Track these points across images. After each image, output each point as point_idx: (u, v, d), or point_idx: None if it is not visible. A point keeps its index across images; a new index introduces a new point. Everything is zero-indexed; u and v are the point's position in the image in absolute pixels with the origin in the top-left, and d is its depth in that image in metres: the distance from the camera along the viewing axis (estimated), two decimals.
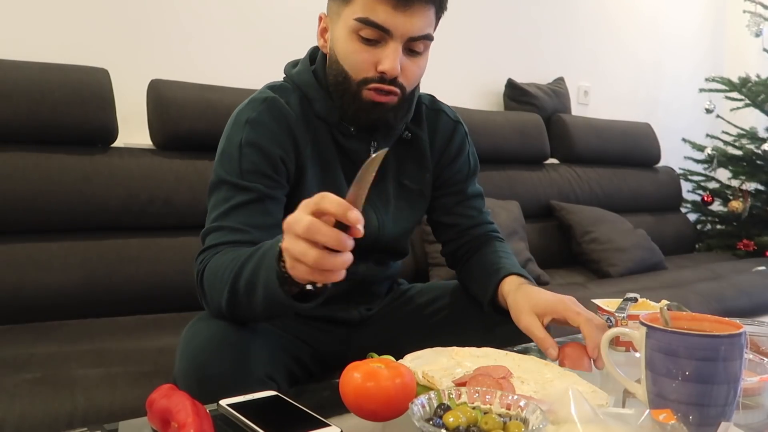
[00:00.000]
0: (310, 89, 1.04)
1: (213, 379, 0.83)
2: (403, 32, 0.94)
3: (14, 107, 1.52)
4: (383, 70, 0.95)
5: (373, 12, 0.93)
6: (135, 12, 1.97)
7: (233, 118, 1.02)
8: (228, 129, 1.02)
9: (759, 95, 2.98)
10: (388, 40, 0.95)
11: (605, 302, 1.05)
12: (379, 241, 1.09)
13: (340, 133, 1.05)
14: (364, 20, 0.93)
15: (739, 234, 3.01)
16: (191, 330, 0.91)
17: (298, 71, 1.07)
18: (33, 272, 1.48)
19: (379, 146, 1.07)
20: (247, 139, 0.97)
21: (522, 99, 2.74)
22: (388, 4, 0.92)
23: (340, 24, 0.97)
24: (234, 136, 0.99)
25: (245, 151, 0.97)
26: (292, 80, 1.06)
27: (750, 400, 0.78)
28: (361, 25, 0.94)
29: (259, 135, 0.98)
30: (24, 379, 1.08)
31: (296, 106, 1.03)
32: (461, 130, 1.18)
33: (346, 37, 0.96)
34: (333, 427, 0.65)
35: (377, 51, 0.95)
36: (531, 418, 0.60)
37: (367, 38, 0.95)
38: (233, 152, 0.98)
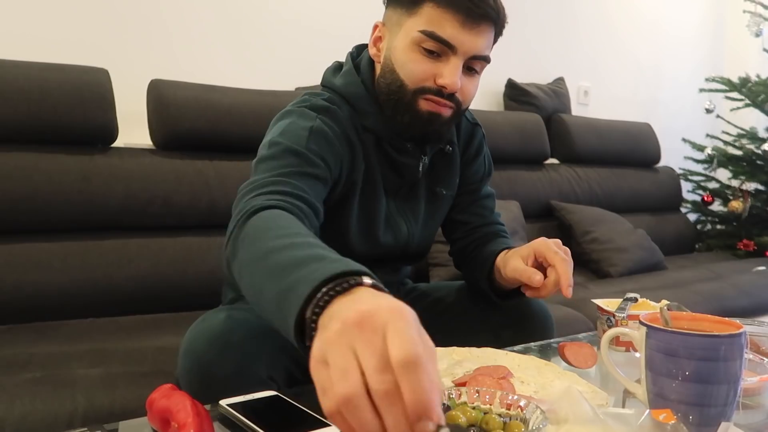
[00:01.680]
0: (362, 103, 1.02)
1: (215, 380, 0.83)
2: (466, 50, 0.94)
3: (14, 107, 1.52)
4: (444, 84, 0.94)
5: (440, 27, 0.93)
6: (135, 12, 1.97)
7: (296, 112, 0.97)
8: (290, 118, 0.96)
9: (759, 95, 2.98)
10: (450, 55, 0.94)
11: (605, 302, 1.05)
12: (406, 251, 1.11)
13: (393, 148, 1.03)
14: (429, 33, 0.93)
15: (739, 234, 3.01)
16: (194, 330, 0.90)
17: (346, 83, 1.03)
18: (33, 272, 1.48)
19: (427, 160, 1.08)
20: (318, 128, 0.94)
21: (522, 99, 2.74)
22: (456, 21, 0.92)
23: (401, 34, 0.96)
24: (301, 122, 0.94)
25: (315, 136, 0.93)
26: (339, 92, 1.03)
27: (750, 400, 0.78)
28: (425, 38, 0.93)
29: (329, 130, 0.95)
30: (24, 379, 1.08)
31: (348, 120, 1.00)
32: (479, 133, 1.19)
33: (406, 47, 0.95)
34: (333, 427, 0.65)
35: (438, 64, 0.95)
36: (531, 418, 0.60)
37: (429, 50, 0.94)
38: (301, 132, 0.93)
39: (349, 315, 0.47)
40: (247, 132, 1.78)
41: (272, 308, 0.62)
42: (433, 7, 0.93)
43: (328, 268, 0.56)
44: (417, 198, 1.10)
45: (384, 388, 0.43)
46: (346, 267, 0.56)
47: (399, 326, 0.45)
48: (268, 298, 0.63)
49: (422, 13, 0.94)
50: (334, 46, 2.18)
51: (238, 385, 0.82)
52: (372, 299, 0.49)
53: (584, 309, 1.80)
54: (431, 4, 0.93)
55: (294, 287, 0.57)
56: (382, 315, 0.46)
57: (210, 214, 1.73)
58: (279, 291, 0.60)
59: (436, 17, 0.93)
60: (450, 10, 0.92)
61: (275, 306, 0.61)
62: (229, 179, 1.75)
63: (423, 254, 1.19)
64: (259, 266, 0.67)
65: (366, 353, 0.44)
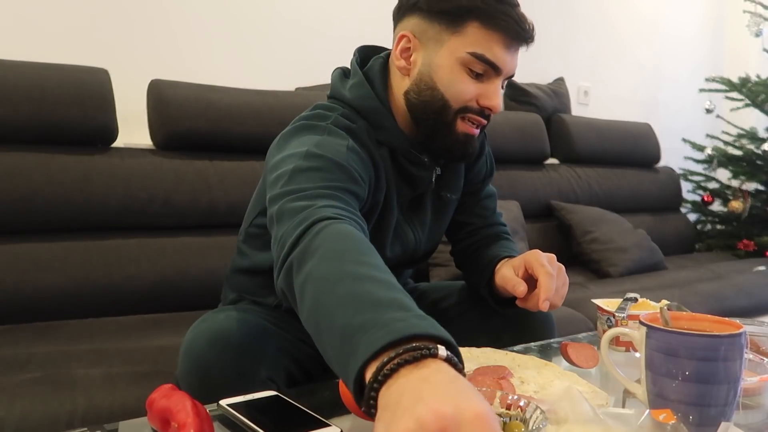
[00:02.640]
0: (379, 117, 0.98)
1: (215, 381, 0.83)
2: (508, 71, 0.96)
3: (14, 107, 1.52)
4: (490, 106, 0.95)
5: (489, 49, 0.92)
6: (135, 12, 1.97)
7: (322, 126, 0.92)
8: (318, 133, 0.91)
9: (759, 95, 2.98)
10: (494, 76, 0.95)
11: (605, 302, 1.05)
12: (413, 257, 1.11)
13: (408, 161, 1.01)
14: (479, 56, 0.92)
15: (739, 234, 3.01)
16: (194, 331, 0.90)
17: (359, 96, 0.99)
18: (33, 272, 1.48)
19: (439, 171, 1.08)
20: (352, 146, 0.90)
21: (522, 99, 2.74)
22: (502, 43, 0.93)
23: (444, 51, 0.94)
24: (334, 139, 0.90)
25: (351, 155, 0.88)
26: (352, 105, 0.99)
27: (750, 400, 0.78)
28: (474, 60, 0.92)
29: (360, 148, 0.93)
30: (24, 379, 1.08)
31: (366, 136, 0.96)
32: (481, 134, 1.18)
33: (452, 67, 0.93)
34: (333, 427, 0.65)
35: (482, 85, 0.95)
36: (531, 418, 0.60)
37: (476, 72, 0.94)
38: (338, 147, 0.87)
39: (426, 417, 0.41)
40: (247, 132, 1.78)
41: (334, 340, 0.57)
42: (479, 28, 0.92)
43: (412, 323, 0.52)
44: (424, 206, 1.09)
45: None
46: (432, 329, 0.51)
47: None
48: (333, 327, 0.57)
49: (468, 32, 0.92)
50: (335, 47, 2.19)
51: (238, 386, 0.82)
52: (450, 393, 0.44)
53: (584, 309, 1.80)
54: (477, 24, 0.92)
55: (367, 329, 0.52)
56: (464, 428, 0.41)
57: (210, 214, 1.73)
58: (348, 325, 0.55)
59: (484, 39, 0.92)
60: (498, 33, 0.92)
61: (339, 340, 0.55)
62: (229, 179, 1.75)
63: (428, 257, 1.18)
64: (333, 288, 0.61)
65: None
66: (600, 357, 0.79)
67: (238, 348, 0.86)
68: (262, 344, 0.90)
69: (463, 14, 0.92)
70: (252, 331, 0.90)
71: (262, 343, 0.90)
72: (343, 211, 0.75)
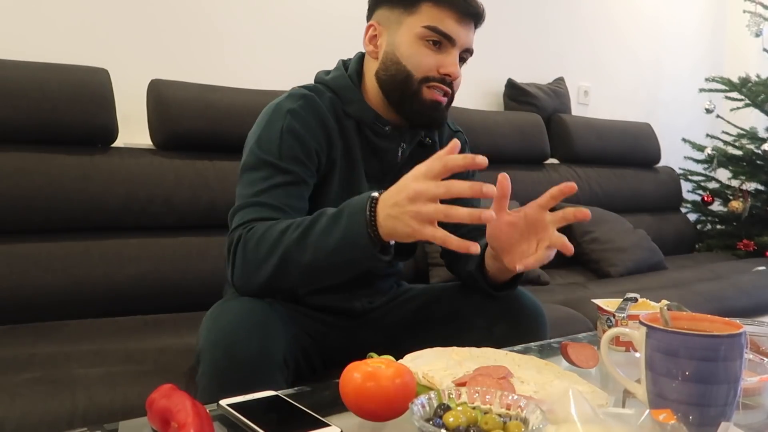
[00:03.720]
0: (346, 91, 1.12)
1: (239, 355, 0.86)
2: (462, 43, 1.07)
3: (14, 107, 1.52)
4: (448, 72, 1.06)
5: (442, 22, 1.05)
6: (135, 12, 1.97)
7: (272, 107, 1.08)
8: (266, 117, 1.07)
9: (759, 95, 2.98)
10: (450, 47, 1.06)
11: (605, 302, 1.05)
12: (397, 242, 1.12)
13: (373, 133, 1.12)
14: (433, 28, 1.04)
15: (739, 234, 3.01)
16: (218, 309, 0.96)
17: (333, 77, 1.14)
18: (33, 272, 1.48)
19: (406, 148, 1.15)
20: (288, 126, 1.03)
21: (522, 99, 2.74)
22: (454, 17, 1.05)
23: (403, 30, 1.07)
24: (275, 123, 1.04)
25: (285, 137, 1.03)
26: (326, 84, 1.13)
27: (750, 400, 0.78)
28: (429, 32, 1.05)
29: (299, 125, 1.04)
30: (24, 379, 1.08)
31: (329, 106, 1.10)
32: (461, 138, 1.24)
33: (411, 41, 1.06)
34: (333, 427, 0.65)
35: (440, 56, 1.06)
36: (531, 418, 0.60)
37: (433, 42, 1.05)
38: (273, 137, 1.03)
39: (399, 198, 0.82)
40: (247, 132, 1.76)
41: (339, 245, 0.87)
42: (431, 6, 1.05)
43: (357, 202, 0.88)
44: None
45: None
46: (362, 197, 0.87)
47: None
48: (331, 247, 0.88)
49: (422, 11, 1.05)
50: (335, 47, 2.19)
51: (259, 364, 0.86)
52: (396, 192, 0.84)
53: (584, 309, 1.80)
54: (429, 4, 1.05)
55: (349, 224, 0.86)
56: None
57: (210, 214, 1.72)
58: (339, 236, 0.87)
59: (437, 14, 1.05)
60: (448, 9, 1.05)
61: (342, 242, 0.87)
62: (229, 179, 1.75)
63: (409, 251, 1.19)
64: (302, 245, 0.89)
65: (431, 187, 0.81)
66: (600, 357, 0.79)
67: (264, 328, 0.90)
68: (281, 328, 0.93)
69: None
70: (275, 314, 0.93)
71: (282, 327, 0.93)
72: (267, 212, 0.98)
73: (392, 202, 0.83)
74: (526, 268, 0.95)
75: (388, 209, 0.83)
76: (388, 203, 0.83)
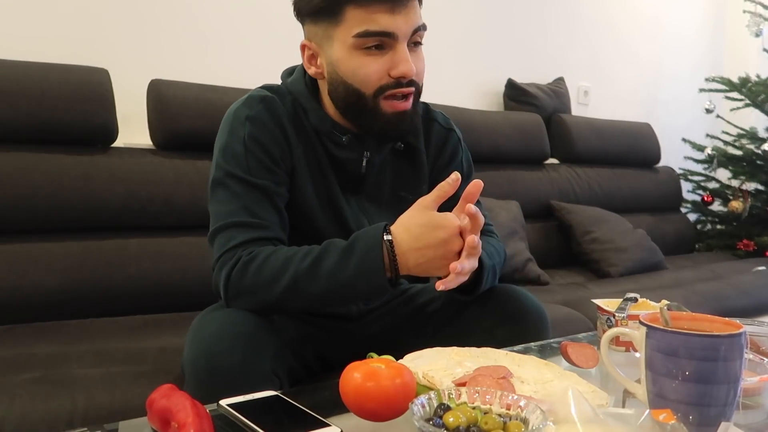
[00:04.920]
0: (302, 98, 1.05)
1: (222, 368, 0.84)
2: (405, 31, 0.95)
3: (14, 107, 1.52)
4: (400, 73, 0.95)
5: (372, 22, 0.93)
6: (135, 12, 1.96)
7: (231, 114, 1.03)
8: (227, 125, 1.03)
9: (759, 95, 2.98)
10: (394, 43, 0.95)
11: (605, 302, 1.05)
12: None
13: (332, 143, 1.05)
14: (364, 33, 0.93)
15: (739, 234, 3.01)
16: (203, 319, 0.93)
17: (292, 80, 1.08)
18: (33, 272, 1.48)
19: (372, 157, 1.07)
20: (249, 134, 0.99)
21: (522, 99, 2.74)
22: (384, 10, 0.93)
23: (336, 45, 0.97)
24: (236, 132, 1.00)
25: (250, 147, 0.98)
26: (287, 87, 1.08)
27: (750, 400, 0.78)
28: (362, 40, 0.94)
29: (260, 132, 1.00)
30: (24, 379, 1.08)
31: (290, 108, 1.05)
32: (454, 137, 1.19)
33: (348, 55, 0.96)
34: (333, 427, 0.65)
35: (386, 58, 0.96)
36: (531, 418, 0.60)
37: (372, 46, 0.95)
38: (238, 148, 0.99)
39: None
40: None
41: (352, 281, 0.89)
42: (355, 8, 0.93)
43: (369, 241, 0.90)
44: (380, 200, 1.12)
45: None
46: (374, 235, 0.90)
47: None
48: (345, 281, 0.89)
49: (347, 17, 0.94)
50: None
51: (243, 376, 0.84)
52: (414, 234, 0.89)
53: (584, 309, 1.80)
54: (352, 6, 0.93)
55: (363, 262, 0.89)
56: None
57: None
58: (353, 269, 0.89)
59: (363, 16, 0.93)
60: (374, 5, 0.92)
61: (356, 278, 0.89)
62: None
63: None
64: (313, 275, 0.90)
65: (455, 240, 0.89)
66: (600, 357, 0.79)
67: (247, 338, 0.87)
68: (268, 338, 0.91)
69: (335, 4, 0.94)
70: (260, 324, 0.91)
71: (269, 337, 0.91)
72: (256, 233, 0.96)
73: (435, 254, 0.88)
74: (446, 288, 0.90)
75: (429, 255, 0.89)
76: (428, 251, 0.89)
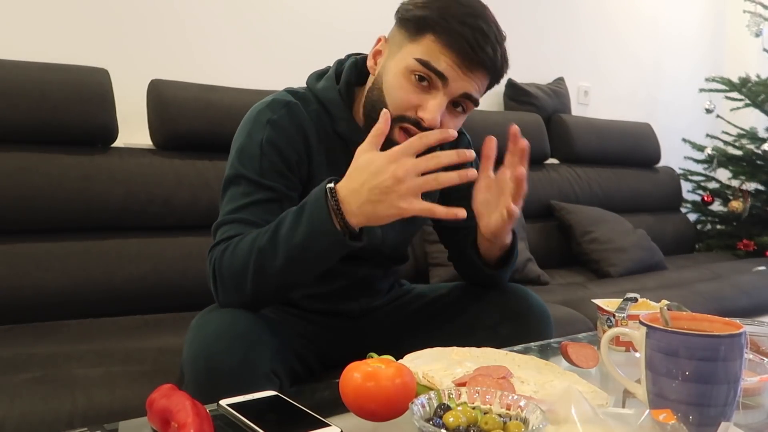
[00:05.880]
0: (334, 108, 1.05)
1: (221, 369, 0.84)
2: (456, 87, 0.95)
3: (14, 107, 1.52)
4: (424, 118, 0.95)
5: (436, 59, 0.94)
6: (135, 12, 1.96)
7: (253, 116, 1.03)
8: (247, 126, 1.03)
9: (759, 95, 2.98)
10: (439, 89, 0.95)
11: (605, 302, 1.05)
12: (381, 251, 1.12)
13: None
14: (424, 63, 0.94)
15: (739, 234, 3.01)
16: (202, 319, 0.93)
17: (323, 87, 1.07)
18: (33, 272, 1.48)
19: None
20: (268, 138, 0.99)
21: (522, 99, 2.74)
22: (452, 58, 0.93)
23: (399, 57, 0.97)
24: (255, 134, 1.00)
25: (266, 150, 0.99)
26: (316, 94, 1.07)
27: (750, 400, 0.78)
28: (419, 66, 0.94)
29: (279, 136, 1.00)
30: (24, 379, 1.08)
31: (314, 116, 1.04)
32: (464, 140, 1.21)
33: (399, 72, 0.96)
34: (333, 427, 0.65)
35: (423, 96, 0.96)
36: (531, 418, 0.60)
37: (420, 78, 0.95)
38: (254, 150, 0.99)
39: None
40: None
41: (306, 239, 0.87)
42: (433, 41, 0.94)
43: (316, 193, 0.87)
44: None
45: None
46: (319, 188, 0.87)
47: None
48: (299, 242, 0.87)
49: (423, 42, 0.95)
50: (335, 47, 2.18)
51: (242, 376, 0.84)
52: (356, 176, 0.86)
53: (584, 309, 1.80)
54: (432, 37, 0.94)
55: (311, 216, 0.86)
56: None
57: (210, 214, 1.70)
58: (305, 230, 0.86)
59: (435, 50, 0.94)
60: (449, 49, 0.93)
61: (308, 236, 0.87)
62: None
63: (401, 256, 1.20)
64: (273, 247, 0.88)
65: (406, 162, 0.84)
66: (600, 357, 0.79)
67: (246, 339, 0.87)
68: (268, 337, 0.91)
69: (422, 26, 0.95)
70: (260, 324, 0.91)
71: (269, 337, 0.91)
72: (245, 227, 0.96)
73: (369, 187, 0.83)
74: (488, 231, 1.01)
75: (365, 195, 0.83)
76: (362, 190, 0.83)
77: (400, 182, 0.81)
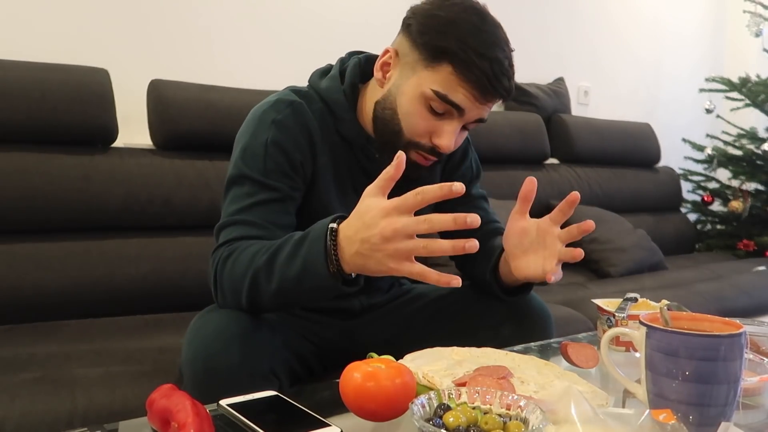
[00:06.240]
0: (339, 109, 1.04)
1: (220, 370, 0.84)
2: (471, 116, 0.98)
3: (14, 107, 1.52)
4: (440, 145, 0.97)
5: (454, 92, 0.94)
6: (135, 12, 1.97)
7: (258, 115, 1.02)
8: (251, 126, 1.02)
9: (759, 95, 2.98)
10: (454, 117, 0.96)
11: (605, 302, 1.05)
12: None
13: (363, 155, 1.06)
14: (442, 96, 0.94)
15: (739, 234, 3.01)
16: (201, 320, 0.93)
17: (328, 87, 1.06)
18: (33, 272, 1.48)
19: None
20: (272, 138, 0.99)
21: (522, 99, 2.74)
22: (470, 91, 0.94)
23: (413, 81, 0.96)
24: (259, 135, 1.00)
25: (270, 151, 0.98)
26: (320, 94, 1.06)
27: (750, 400, 0.78)
28: (435, 98, 0.94)
29: (284, 137, 0.99)
30: (24, 379, 1.08)
31: (318, 116, 1.04)
32: (465, 142, 1.20)
33: (415, 98, 0.96)
34: (333, 427, 0.65)
35: (438, 123, 0.97)
36: (531, 418, 0.60)
37: (435, 110, 0.96)
38: (258, 150, 0.98)
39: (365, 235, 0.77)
40: None
41: (300, 275, 0.83)
42: (451, 72, 0.93)
43: (318, 229, 0.82)
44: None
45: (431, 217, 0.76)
46: (323, 223, 0.82)
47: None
48: (293, 276, 0.83)
49: (440, 71, 0.94)
50: (335, 47, 2.19)
51: (241, 377, 0.84)
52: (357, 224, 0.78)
53: (584, 309, 1.80)
54: (450, 68, 0.93)
55: (309, 254, 0.82)
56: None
57: (210, 215, 1.72)
58: (300, 266, 0.82)
59: (453, 82, 0.94)
60: (468, 83, 0.93)
61: (301, 273, 0.83)
62: None
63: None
64: (269, 271, 0.86)
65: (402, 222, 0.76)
66: (600, 357, 0.79)
67: (246, 338, 0.87)
68: (267, 337, 0.91)
69: (440, 54, 0.94)
70: (259, 324, 0.91)
71: (267, 337, 0.91)
72: (248, 230, 0.95)
73: (360, 238, 0.77)
74: (521, 275, 0.96)
75: (356, 246, 0.77)
76: (355, 239, 0.77)
77: (387, 242, 0.75)
